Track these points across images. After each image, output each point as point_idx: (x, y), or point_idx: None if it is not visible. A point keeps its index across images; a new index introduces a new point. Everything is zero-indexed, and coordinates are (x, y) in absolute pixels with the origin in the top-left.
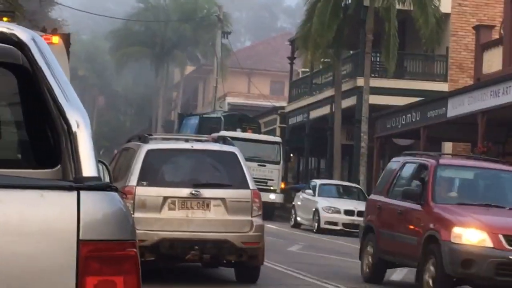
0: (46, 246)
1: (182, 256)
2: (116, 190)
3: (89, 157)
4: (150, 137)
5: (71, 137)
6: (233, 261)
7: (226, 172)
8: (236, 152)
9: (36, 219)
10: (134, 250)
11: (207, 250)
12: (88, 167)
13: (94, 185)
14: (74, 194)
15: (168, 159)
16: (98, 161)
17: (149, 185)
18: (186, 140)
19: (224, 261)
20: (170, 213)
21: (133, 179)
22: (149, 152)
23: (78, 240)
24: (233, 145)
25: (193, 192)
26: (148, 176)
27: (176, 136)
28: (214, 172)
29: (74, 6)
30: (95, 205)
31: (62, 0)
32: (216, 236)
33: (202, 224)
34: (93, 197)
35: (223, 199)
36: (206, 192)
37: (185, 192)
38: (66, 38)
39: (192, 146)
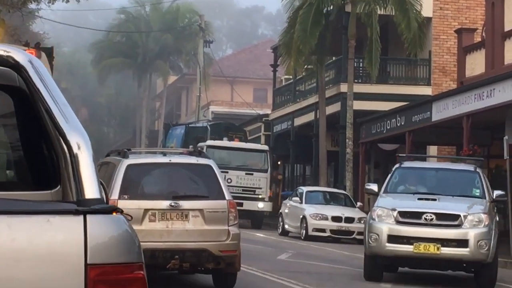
0: (54, 270)
1: (163, 265)
2: (121, 212)
3: (91, 178)
4: (129, 151)
5: (72, 158)
6: (211, 268)
7: (203, 184)
8: (212, 165)
9: (43, 244)
10: (142, 272)
11: (187, 258)
12: (91, 189)
13: (100, 208)
14: (80, 218)
15: (148, 172)
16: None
17: (130, 198)
18: (164, 154)
19: (202, 268)
20: (151, 225)
21: (115, 193)
22: (129, 166)
23: (86, 264)
24: (208, 157)
25: (173, 204)
26: (129, 190)
27: (154, 150)
28: (192, 184)
29: (55, 19)
30: (102, 228)
31: (43, 13)
32: (195, 246)
33: (181, 234)
34: (99, 220)
35: (201, 210)
36: (185, 204)
37: (164, 204)
38: (49, 52)
39: (170, 160)
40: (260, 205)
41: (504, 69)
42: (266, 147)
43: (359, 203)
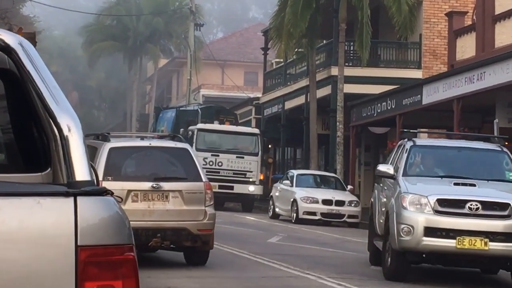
0: (45, 252)
1: (146, 243)
2: (112, 194)
3: (81, 160)
4: (110, 135)
5: (63, 141)
6: (188, 246)
7: (181, 166)
8: (189, 148)
9: (34, 226)
10: (132, 254)
11: (167, 237)
12: (81, 171)
13: (91, 190)
14: (71, 200)
15: (129, 155)
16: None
17: (114, 179)
18: (142, 138)
19: (175, 246)
20: (134, 205)
21: (99, 175)
22: (112, 149)
23: (76, 246)
24: (184, 141)
25: (154, 185)
26: (112, 172)
27: (131, 134)
28: (171, 166)
29: (46, 1)
30: (92, 210)
31: None
32: (175, 225)
33: (162, 214)
34: (90, 202)
35: (180, 191)
36: (165, 185)
37: (146, 185)
38: (32, 37)
39: (150, 144)
40: (251, 189)
41: (495, 52)
42: (257, 131)
43: (349, 186)
